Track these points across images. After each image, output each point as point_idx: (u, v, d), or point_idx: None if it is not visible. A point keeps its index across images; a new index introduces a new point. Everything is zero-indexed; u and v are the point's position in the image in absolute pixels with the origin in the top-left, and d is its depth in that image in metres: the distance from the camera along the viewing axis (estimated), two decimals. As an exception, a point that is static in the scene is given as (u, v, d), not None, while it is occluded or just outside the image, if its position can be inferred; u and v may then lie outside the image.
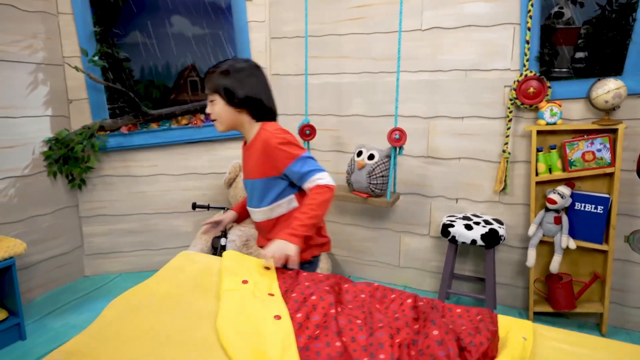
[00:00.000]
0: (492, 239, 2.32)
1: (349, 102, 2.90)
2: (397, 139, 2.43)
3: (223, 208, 2.64)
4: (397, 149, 2.48)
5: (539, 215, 2.37)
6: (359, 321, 0.97)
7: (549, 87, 2.33)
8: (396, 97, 2.44)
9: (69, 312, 2.56)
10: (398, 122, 2.69)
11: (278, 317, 0.96)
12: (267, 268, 1.30)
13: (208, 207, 2.61)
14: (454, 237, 2.40)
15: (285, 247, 1.30)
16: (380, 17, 2.72)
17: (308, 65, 2.81)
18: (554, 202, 2.27)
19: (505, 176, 2.51)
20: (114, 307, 1.09)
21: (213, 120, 1.54)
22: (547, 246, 2.45)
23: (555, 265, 2.33)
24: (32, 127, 2.62)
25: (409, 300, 1.07)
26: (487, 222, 2.44)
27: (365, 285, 1.18)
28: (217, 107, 1.50)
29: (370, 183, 2.49)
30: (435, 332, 0.86)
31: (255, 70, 1.53)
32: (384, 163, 2.50)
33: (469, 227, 2.38)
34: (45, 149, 2.70)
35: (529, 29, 2.31)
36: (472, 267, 2.76)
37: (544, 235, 2.37)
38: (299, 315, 0.97)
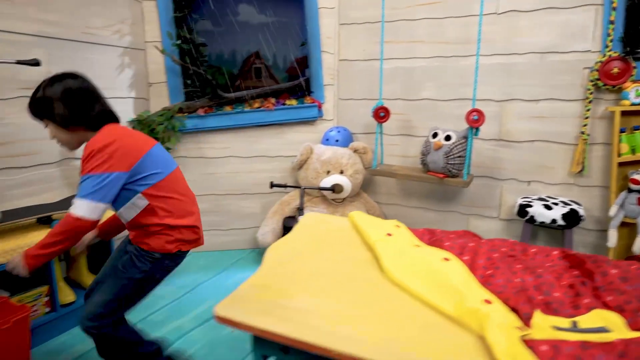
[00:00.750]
0: (573, 218, 2.33)
1: (419, 86, 2.95)
2: (476, 119, 2.46)
3: (299, 187, 2.73)
4: (474, 130, 2.51)
5: (620, 196, 2.37)
6: (519, 265, 1.02)
7: (634, 67, 2.32)
8: (475, 79, 2.47)
9: (152, 284, 2.68)
10: (470, 106, 2.71)
11: (447, 260, 1.02)
12: (398, 226, 1.36)
13: (285, 186, 2.70)
14: (532, 217, 2.42)
15: (19, 268, 1.38)
16: (454, 1, 2.75)
17: (379, 51, 2.86)
18: (638, 182, 2.27)
19: (584, 158, 2.52)
20: (271, 255, 1.17)
21: (58, 143, 1.53)
22: (626, 228, 2.44)
23: (638, 245, 2.32)
24: (118, 107, 2.68)
25: (555, 252, 1.12)
26: (565, 203, 2.45)
27: (500, 241, 1.23)
28: (53, 131, 1.48)
29: (447, 163, 2.53)
30: (614, 271, 0.90)
31: (71, 84, 1.47)
32: (461, 144, 2.54)
33: (548, 207, 2.40)
34: (129, 129, 2.83)
35: (614, 9, 2.31)
36: (543, 250, 2.76)
37: (625, 217, 2.37)
38: (465, 258, 1.03)
